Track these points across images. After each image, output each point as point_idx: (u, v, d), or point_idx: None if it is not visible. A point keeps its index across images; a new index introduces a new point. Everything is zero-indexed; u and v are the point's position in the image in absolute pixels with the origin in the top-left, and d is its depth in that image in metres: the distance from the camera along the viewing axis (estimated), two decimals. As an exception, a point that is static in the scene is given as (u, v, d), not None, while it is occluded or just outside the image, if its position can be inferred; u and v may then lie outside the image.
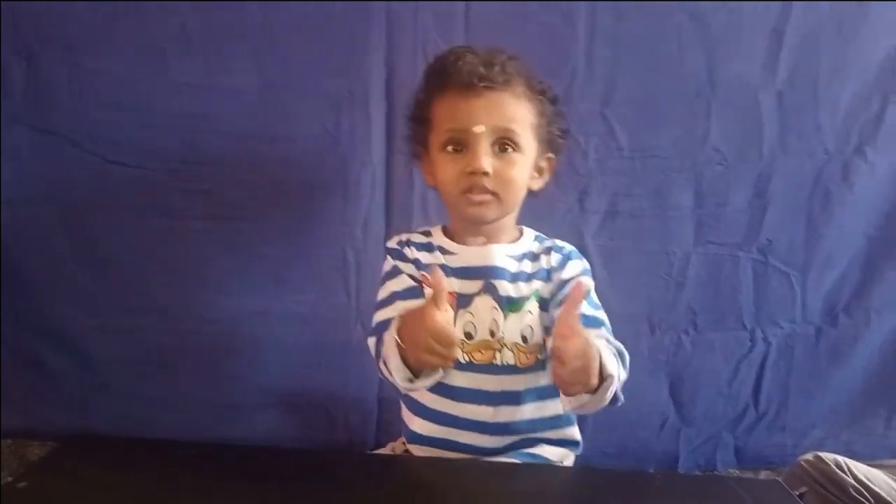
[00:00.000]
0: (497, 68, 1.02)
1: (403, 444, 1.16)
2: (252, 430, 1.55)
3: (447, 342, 0.86)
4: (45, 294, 1.51)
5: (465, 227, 1.13)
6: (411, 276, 1.10)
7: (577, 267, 1.11)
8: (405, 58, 1.42)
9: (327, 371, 1.55)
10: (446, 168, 1.05)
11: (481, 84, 1.01)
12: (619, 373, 0.94)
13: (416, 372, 0.95)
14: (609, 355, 0.94)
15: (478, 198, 1.04)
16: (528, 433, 1.06)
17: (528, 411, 1.05)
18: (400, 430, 1.19)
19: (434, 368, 0.94)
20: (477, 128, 1.01)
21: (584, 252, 1.48)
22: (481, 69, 1.01)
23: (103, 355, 1.52)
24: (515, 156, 1.04)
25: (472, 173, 1.02)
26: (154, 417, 1.51)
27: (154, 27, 1.41)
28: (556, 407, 1.05)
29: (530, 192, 1.12)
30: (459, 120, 1.03)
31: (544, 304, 1.08)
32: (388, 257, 1.16)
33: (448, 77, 1.04)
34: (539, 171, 1.12)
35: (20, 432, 1.58)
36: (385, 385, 1.54)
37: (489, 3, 1.41)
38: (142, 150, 1.44)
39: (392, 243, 1.18)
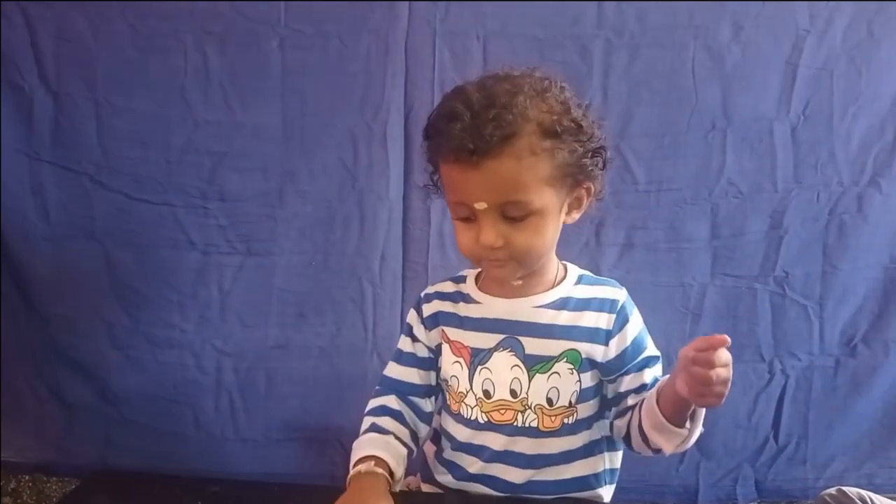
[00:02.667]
0: (489, 129, 0.85)
1: (416, 476, 1.16)
2: (270, 465, 1.55)
3: None
4: (68, 328, 1.53)
5: None
6: (413, 337, 1.08)
7: (634, 329, 0.99)
8: (423, 95, 1.45)
9: (344, 404, 1.55)
10: (460, 236, 0.95)
11: (474, 157, 0.86)
12: None
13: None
14: None
15: (496, 265, 0.94)
16: (551, 495, 1.00)
17: (550, 474, 1.00)
18: (413, 466, 1.19)
19: None
20: (478, 205, 0.89)
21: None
22: (469, 141, 0.85)
23: (126, 389, 1.54)
24: (530, 220, 0.90)
25: (484, 247, 0.91)
26: (175, 452, 1.53)
27: (177, 66, 1.45)
28: (581, 468, 1.01)
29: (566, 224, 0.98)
30: (459, 194, 0.91)
31: (588, 366, 0.98)
32: (412, 309, 1.11)
33: (442, 142, 0.90)
34: (577, 203, 0.97)
35: (39, 467, 1.60)
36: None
37: (506, 39, 1.44)
38: (165, 187, 1.48)
39: (422, 294, 1.11)
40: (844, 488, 1.15)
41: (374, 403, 1.08)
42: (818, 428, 1.60)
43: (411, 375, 1.07)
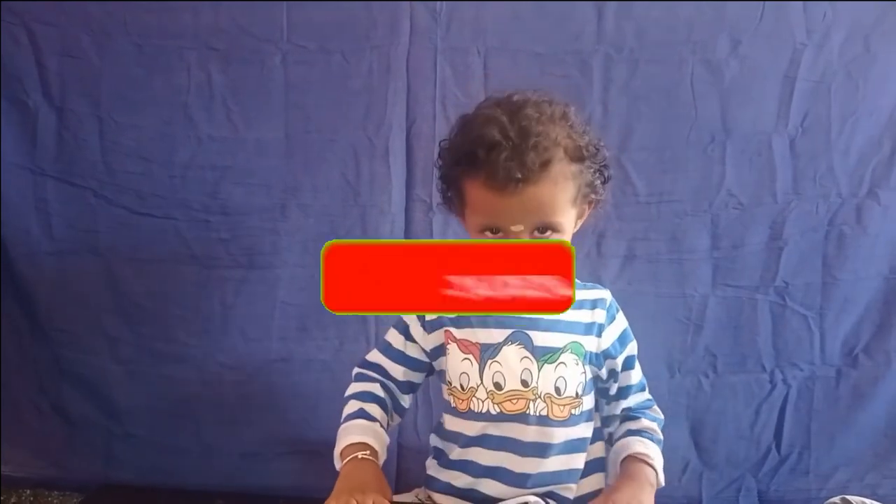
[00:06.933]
0: (532, 156, 0.93)
1: (423, 488, 1.16)
2: (274, 479, 1.55)
3: None
4: (71, 342, 1.53)
5: None
6: (407, 335, 1.12)
7: (621, 324, 1.12)
8: (424, 110, 1.47)
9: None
10: None
11: (519, 185, 0.93)
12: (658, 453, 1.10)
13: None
14: (647, 447, 1.09)
15: None
16: (550, 485, 1.05)
17: (553, 464, 1.04)
18: (419, 478, 1.19)
19: None
20: (515, 227, 0.96)
21: (601, 297, 1.51)
22: (516, 168, 0.92)
23: (128, 404, 1.54)
24: (552, 235, 0.99)
25: None
26: (177, 466, 1.52)
27: (180, 83, 1.47)
28: (580, 460, 1.07)
29: None
30: (495, 218, 0.97)
31: (590, 358, 1.07)
32: None
33: (480, 167, 0.95)
34: (581, 213, 1.06)
35: (41, 482, 1.59)
36: (404, 432, 1.55)
37: (506, 54, 1.46)
38: (168, 202, 1.49)
39: None
40: (848, 497, 1.15)
41: (360, 387, 1.12)
42: (820, 438, 1.59)
43: (395, 370, 1.12)
